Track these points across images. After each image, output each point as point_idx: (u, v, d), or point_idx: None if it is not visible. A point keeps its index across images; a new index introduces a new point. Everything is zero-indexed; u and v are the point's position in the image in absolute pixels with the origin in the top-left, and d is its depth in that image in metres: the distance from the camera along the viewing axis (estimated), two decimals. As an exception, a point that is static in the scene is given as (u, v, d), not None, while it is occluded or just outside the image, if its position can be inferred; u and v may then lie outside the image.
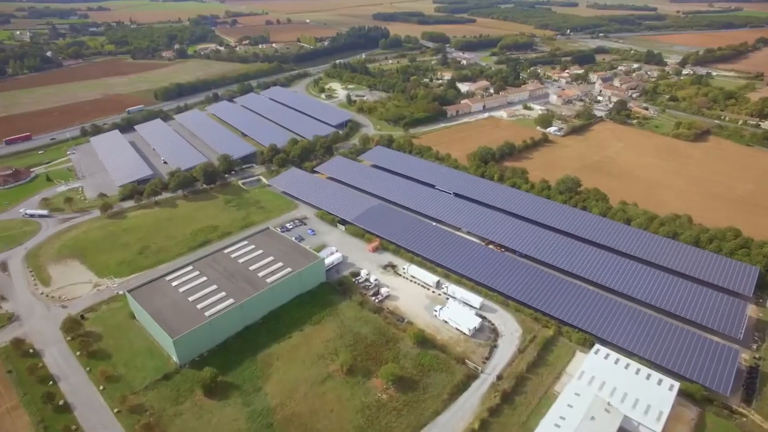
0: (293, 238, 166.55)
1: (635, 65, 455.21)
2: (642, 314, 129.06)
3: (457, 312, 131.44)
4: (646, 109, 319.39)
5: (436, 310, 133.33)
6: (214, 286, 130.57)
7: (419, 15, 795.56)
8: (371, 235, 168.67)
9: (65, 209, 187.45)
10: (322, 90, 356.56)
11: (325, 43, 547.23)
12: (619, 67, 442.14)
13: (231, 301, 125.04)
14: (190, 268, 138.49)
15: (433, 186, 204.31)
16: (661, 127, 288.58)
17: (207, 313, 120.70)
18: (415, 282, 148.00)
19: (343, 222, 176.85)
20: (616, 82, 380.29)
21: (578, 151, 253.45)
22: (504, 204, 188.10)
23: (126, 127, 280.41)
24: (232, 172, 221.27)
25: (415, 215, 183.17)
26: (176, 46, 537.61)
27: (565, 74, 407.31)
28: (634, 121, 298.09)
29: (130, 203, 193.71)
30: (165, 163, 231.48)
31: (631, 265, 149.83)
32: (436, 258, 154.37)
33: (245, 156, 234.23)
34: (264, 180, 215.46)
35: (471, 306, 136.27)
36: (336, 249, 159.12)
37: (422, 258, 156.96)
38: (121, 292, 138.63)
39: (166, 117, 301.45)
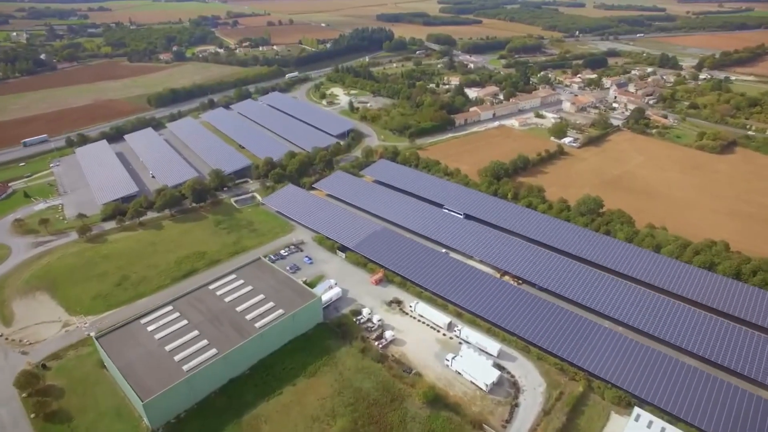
0: (287, 268, 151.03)
1: (649, 69, 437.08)
2: (686, 368, 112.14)
3: (472, 362, 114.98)
4: (665, 117, 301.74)
5: (447, 360, 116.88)
6: (195, 332, 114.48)
7: (424, 16, 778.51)
8: (374, 264, 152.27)
9: (40, 231, 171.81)
10: (324, 96, 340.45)
11: (328, 45, 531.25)
12: (633, 72, 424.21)
13: (214, 351, 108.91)
14: (170, 308, 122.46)
15: (441, 206, 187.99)
16: (682, 138, 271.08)
17: (185, 367, 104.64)
18: (423, 322, 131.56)
19: (343, 248, 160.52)
20: (631, 88, 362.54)
21: (596, 164, 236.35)
22: (520, 227, 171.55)
23: (115, 136, 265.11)
24: (225, 189, 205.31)
25: (422, 240, 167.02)
26: (174, 48, 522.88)
27: (577, 79, 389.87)
28: (654, 131, 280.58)
29: (112, 224, 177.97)
30: (153, 177, 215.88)
31: (667, 303, 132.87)
32: (446, 294, 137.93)
33: (239, 170, 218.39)
34: (258, 197, 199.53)
35: (487, 353, 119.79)
36: (335, 282, 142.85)
37: (431, 293, 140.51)
38: (92, 334, 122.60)
39: (158, 125, 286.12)
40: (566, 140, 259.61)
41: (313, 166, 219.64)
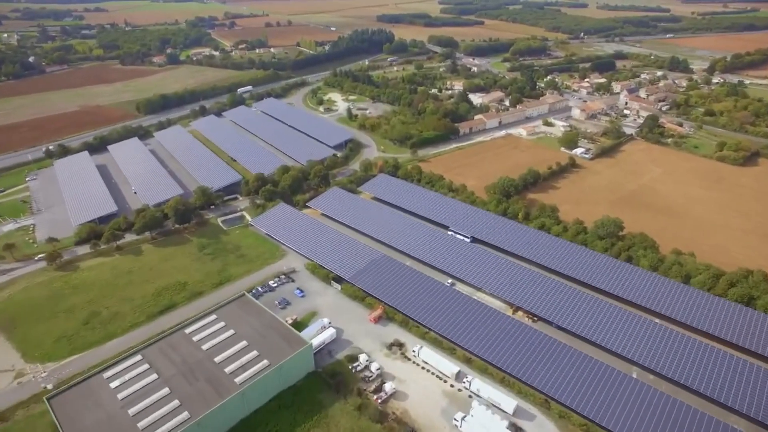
0: (276, 303, 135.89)
1: (659, 73, 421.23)
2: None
3: (485, 422, 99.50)
4: (681, 125, 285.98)
5: (456, 420, 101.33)
6: (166, 390, 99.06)
7: (425, 17, 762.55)
8: (373, 298, 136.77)
9: (5, 257, 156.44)
10: (321, 102, 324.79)
11: (326, 48, 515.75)
12: (643, 76, 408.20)
13: (186, 415, 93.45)
14: (138, 358, 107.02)
15: (446, 227, 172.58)
16: (700, 148, 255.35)
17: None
18: (428, 370, 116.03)
19: (339, 279, 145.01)
20: (643, 93, 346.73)
21: (611, 178, 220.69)
22: (532, 253, 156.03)
23: (98, 146, 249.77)
24: (212, 207, 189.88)
25: (426, 269, 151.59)
26: (168, 51, 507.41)
27: (585, 83, 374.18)
28: (669, 140, 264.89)
29: (86, 249, 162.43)
30: (135, 193, 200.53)
31: (707, 350, 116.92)
32: (453, 336, 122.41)
33: (228, 185, 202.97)
34: (247, 217, 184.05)
35: (502, 410, 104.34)
36: (329, 321, 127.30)
37: (436, 334, 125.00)
38: (49, 386, 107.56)
39: (145, 134, 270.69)
40: (578, 151, 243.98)
41: (308, 181, 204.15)
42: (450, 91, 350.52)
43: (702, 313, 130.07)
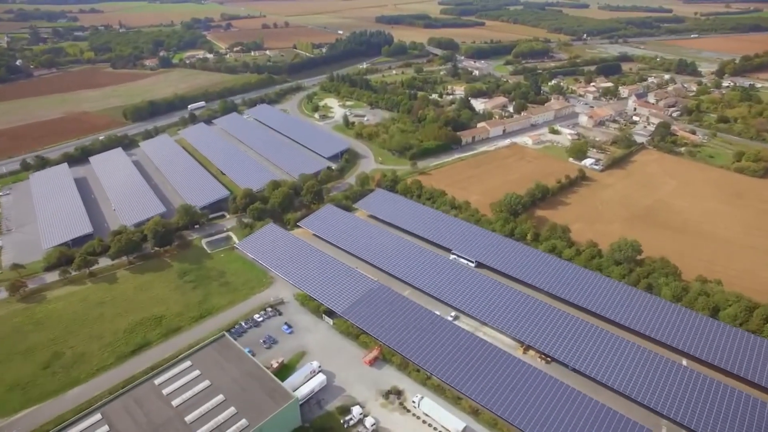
0: (261, 341, 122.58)
1: (666, 76, 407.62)
2: None
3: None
4: (693, 132, 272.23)
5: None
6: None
7: (425, 18, 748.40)
8: (368, 336, 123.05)
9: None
10: (317, 108, 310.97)
11: (323, 50, 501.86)
12: (650, 79, 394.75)
13: (145, 493, 79.81)
14: (97, 417, 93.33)
15: (449, 250, 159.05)
16: (716, 158, 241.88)
17: None
18: (430, 425, 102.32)
19: (331, 312, 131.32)
20: (651, 98, 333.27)
21: (623, 192, 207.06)
22: (543, 281, 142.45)
23: (80, 157, 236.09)
24: (196, 226, 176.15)
25: (426, 299, 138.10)
26: (161, 54, 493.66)
27: (591, 88, 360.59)
28: (682, 149, 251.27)
29: (56, 275, 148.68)
30: (114, 210, 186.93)
31: (749, 402, 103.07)
32: (458, 383, 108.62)
33: (215, 202, 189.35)
34: (234, 238, 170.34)
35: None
36: (319, 366, 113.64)
37: (439, 379, 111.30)
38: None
39: (131, 143, 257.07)
40: (587, 162, 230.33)
41: (300, 197, 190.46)
42: (451, 96, 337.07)
43: (736, 354, 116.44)
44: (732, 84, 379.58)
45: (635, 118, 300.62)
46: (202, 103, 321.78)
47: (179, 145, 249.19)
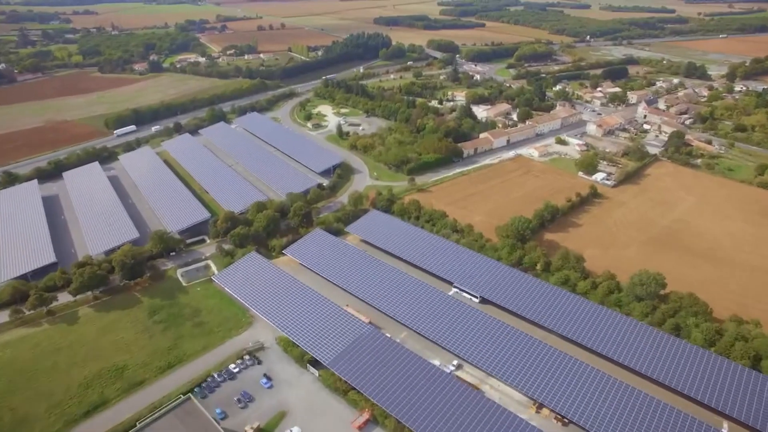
0: (236, 399, 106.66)
1: (675, 80, 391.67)
2: None
3: None
4: (710, 142, 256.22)
5: None
6: None
7: (424, 19, 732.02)
8: (358, 393, 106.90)
9: None
10: (309, 117, 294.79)
11: (319, 53, 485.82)
12: (658, 83, 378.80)
13: None
14: None
15: (450, 283, 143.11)
16: (736, 171, 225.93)
17: None
18: None
19: (317, 362, 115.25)
20: (662, 104, 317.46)
21: (639, 211, 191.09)
22: (556, 322, 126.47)
23: (53, 172, 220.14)
24: (172, 253, 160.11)
25: (426, 342, 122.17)
26: (151, 58, 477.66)
27: (598, 93, 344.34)
28: (699, 161, 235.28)
29: (6, 314, 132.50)
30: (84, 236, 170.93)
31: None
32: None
33: (195, 225, 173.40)
34: (213, 267, 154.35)
35: None
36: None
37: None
38: None
39: (110, 156, 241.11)
40: (598, 177, 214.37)
41: (287, 219, 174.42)
42: (451, 103, 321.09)
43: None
44: (744, 88, 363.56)
45: (646, 127, 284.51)
46: (132, 127, 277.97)
47: (161, 158, 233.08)
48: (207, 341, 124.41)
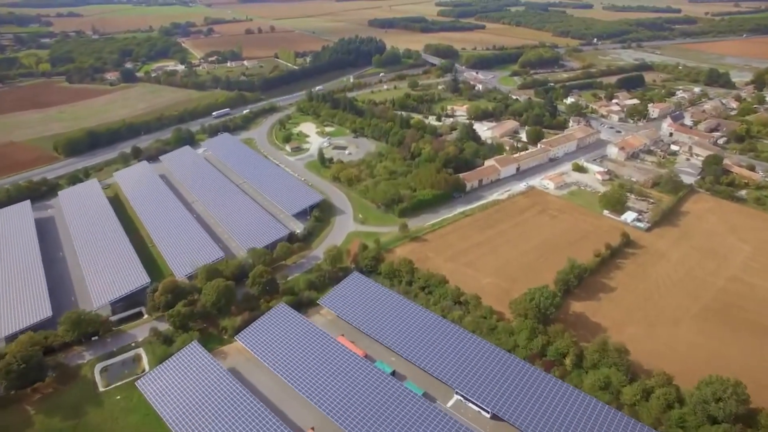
0: None
1: (696, 89, 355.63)
2: None
3: None
4: (753, 168, 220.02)
5: None
6: None
7: (421, 20, 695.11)
8: None
9: None
10: (289, 138, 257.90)
11: (307, 60, 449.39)
12: (679, 93, 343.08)
13: None
14: None
15: (452, 387, 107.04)
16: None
17: None
18: None
19: None
20: (688, 119, 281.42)
21: (684, 266, 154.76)
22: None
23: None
24: (94, 338, 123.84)
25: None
26: (127, 65, 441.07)
27: (614, 106, 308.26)
28: (743, 192, 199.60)
29: None
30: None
31: None
32: None
33: (133, 292, 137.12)
34: (144, 361, 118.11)
35: None
36: None
37: None
38: None
39: (49, 191, 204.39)
40: (628, 217, 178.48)
41: (246, 287, 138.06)
42: (451, 120, 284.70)
43: None
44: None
45: (674, 147, 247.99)
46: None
47: (108, 194, 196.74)
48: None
